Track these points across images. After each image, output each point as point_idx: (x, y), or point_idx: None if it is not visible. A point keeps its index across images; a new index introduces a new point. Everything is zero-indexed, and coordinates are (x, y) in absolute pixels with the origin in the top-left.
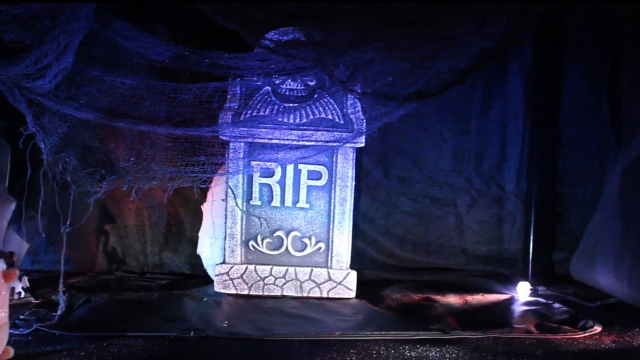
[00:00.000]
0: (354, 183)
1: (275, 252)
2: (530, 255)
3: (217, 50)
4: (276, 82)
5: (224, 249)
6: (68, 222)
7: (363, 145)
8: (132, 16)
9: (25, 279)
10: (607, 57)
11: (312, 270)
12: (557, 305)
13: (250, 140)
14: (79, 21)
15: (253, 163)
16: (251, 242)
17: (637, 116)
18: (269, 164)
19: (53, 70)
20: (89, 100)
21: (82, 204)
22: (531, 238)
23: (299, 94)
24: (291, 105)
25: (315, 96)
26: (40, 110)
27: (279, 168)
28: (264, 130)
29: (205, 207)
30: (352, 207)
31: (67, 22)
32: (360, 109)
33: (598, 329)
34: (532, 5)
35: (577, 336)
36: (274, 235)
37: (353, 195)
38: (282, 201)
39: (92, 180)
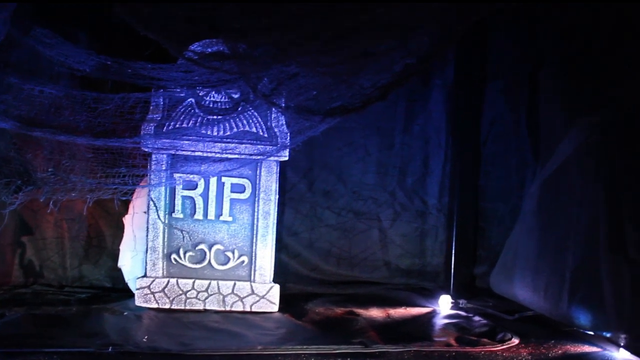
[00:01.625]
0: (277, 196)
1: (198, 266)
2: (452, 269)
3: (140, 61)
4: (200, 94)
5: (146, 262)
6: None
7: (287, 159)
8: (52, 23)
9: None
10: (525, 75)
11: (235, 284)
12: (477, 318)
13: (173, 152)
14: None
15: (176, 175)
16: (173, 256)
17: (553, 133)
18: (192, 176)
19: None
20: (6, 109)
21: None
22: (453, 252)
23: (223, 107)
24: (215, 117)
25: (240, 109)
26: None
27: (202, 180)
28: (187, 142)
29: (127, 220)
30: (275, 221)
31: None
32: (284, 122)
33: (516, 341)
34: (453, 25)
35: (496, 349)
36: (197, 248)
37: (277, 208)
38: (205, 214)
39: (8, 191)
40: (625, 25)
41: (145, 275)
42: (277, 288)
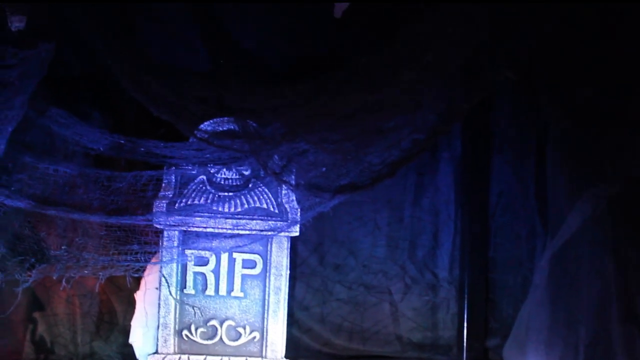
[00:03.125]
0: (288, 272)
1: (210, 342)
2: (465, 342)
3: (153, 140)
4: (211, 171)
5: (157, 339)
6: None
7: (298, 234)
8: (67, 102)
9: None
10: (532, 147)
11: None
12: None
13: (185, 229)
14: (12, 109)
15: (187, 252)
16: (185, 332)
17: (561, 205)
18: (203, 252)
19: None
20: (21, 188)
21: (10, 292)
22: (465, 325)
23: (234, 183)
24: (226, 194)
25: (250, 185)
26: None
27: (214, 256)
28: (198, 219)
29: (139, 296)
30: (286, 296)
31: (0, 109)
32: (294, 198)
33: None
34: (459, 102)
35: None
36: (208, 324)
37: (288, 283)
38: (217, 290)
39: (22, 269)
40: (629, 96)
41: (156, 352)
42: None
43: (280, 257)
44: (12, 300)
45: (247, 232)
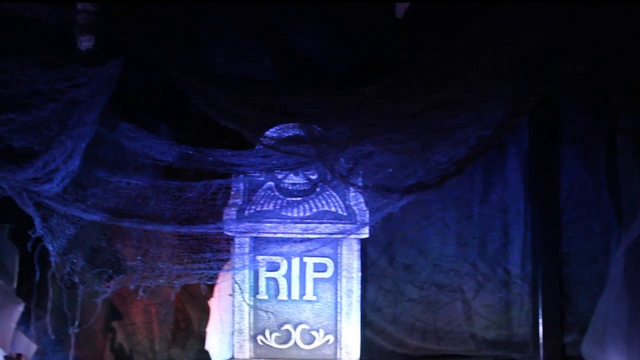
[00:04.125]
0: (359, 273)
1: (284, 346)
2: (541, 339)
3: (220, 149)
4: (279, 177)
5: (233, 344)
6: (77, 323)
7: (367, 236)
8: (135, 116)
9: None
10: (602, 138)
11: None
12: None
13: (255, 235)
14: (85, 126)
15: (259, 258)
16: (259, 337)
17: (635, 196)
18: (274, 257)
19: (60, 174)
20: (96, 202)
21: (90, 303)
22: (540, 321)
23: (302, 188)
24: (294, 199)
25: (318, 189)
26: (48, 212)
27: (285, 261)
28: (268, 224)
29: (213, 303)
30: (359, 298)
31: (74, 127)
32: (362, 200)
33: None
34: (525, 97)
35: None
36: (282, 328)
37: (359, 285)
38: (289, 294)
39: (100, 280)
40: None
41: (232, 358)
42: None
43: (351, 260)
44: (93, 311)
45: (317, 235)
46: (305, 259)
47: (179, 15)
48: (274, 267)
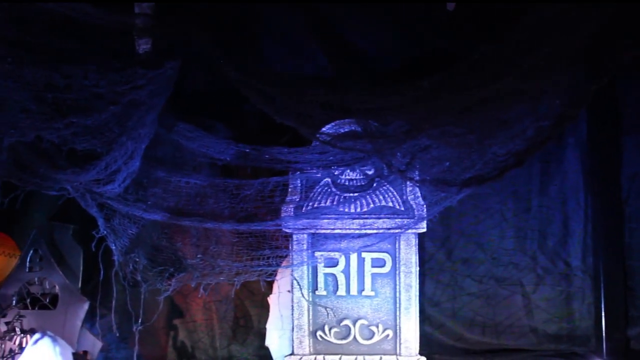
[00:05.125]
0: (418, 268)
1: (344, 342)
2: (604, 332)
3: (277, 146)
4: (335, 173)
5: (292, 340)
6: (140, 320)
7: (425, 230)
8: (192, 117)
9: None
10: None
11: (381, 358)
12: None
13: (313, 232)
14: (145, 127)
15: (317, 254)
16: (319, 332)
17: None
18: (332, 253)
19: (122, 175)
20: (156, 201)
21: (152, 301)
22: (603, 314)
23: (359, 184)
24: (351, 194)
25: (375, 185)
26: (111, 213)
27: (343, 257)
28: (326, 221)
29: (272, 299)
30: (417, 293)
31: (134, 128)
32: (419, 194)
33: None
34: (584, 86)
35: None
36: (341, 324)
37: (418, 280)
38: (348, 290)
39: (162, 279)
40: None
41: (292, 353)
42: None
43: (409, 254)
44: (155, 309)
45: (375, 231)
46: (363, 254)
47: (235, 15)
48: (332, 263)
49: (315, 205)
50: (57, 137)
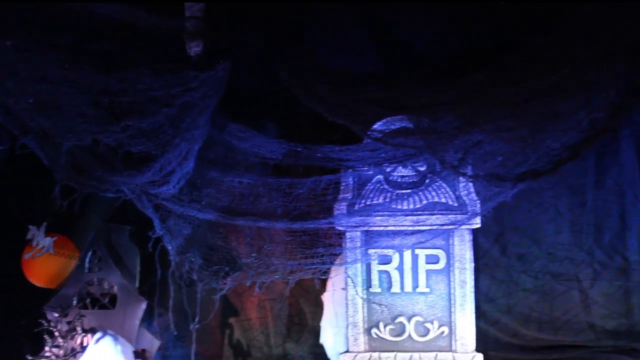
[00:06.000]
0: (472, 264)
1: (398, 339)
2: None
3: (328, 144)
4: (387, 170)
5: (347, 338)
6: (197, 319)
7: (479, 225)
8: (243, 117)
9: None
10: None
11: (436, 355)
12: None
13: (366, 229)
14: (198, 129)
15: (370, 251)
16: (373, 330)
17: None
18: (386, 251)
19: (176, 176)
20: (210, 201)
21: (208, 300)
22: None
23: (411, 180)
24: (404, 191)
25: (427, 181)
26: (166, 214)
27: (397, 254)
28: (378, 218)
29: (326, 297)
30: (472, 289)
31: (188, 130)
32: (473, 190)
33: None
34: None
35: None
36: (396, 321)
37: (473, 276)
38: (402, 287)
39: (217, 278)
40: None
41: (347, 351)
42: (480, 357)
43: (463, 250)
44: (211, 308)
45: (428, 227)
46: (417, 251)
47: (285, 15)
48: (386, 260)
49: (368, 203)
50: (113, 140)
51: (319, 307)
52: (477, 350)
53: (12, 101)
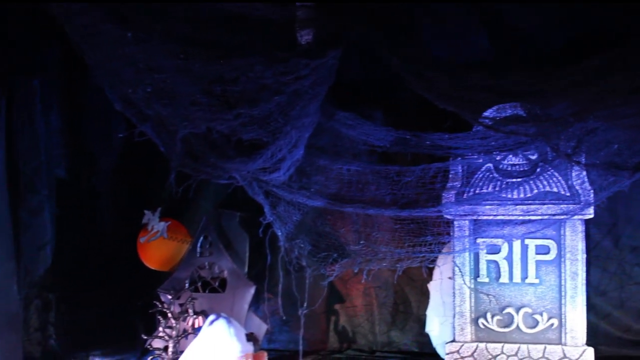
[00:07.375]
0: (584, 256)
1: (506, 330)
2: None
3: (437, 132)
4: (497, 158)
5: (454, 327)
6: (305, 304)
7: (592, 216)
8: (350, 105)
9: None
10: None
11: (545, 348)
12: None
13: (475, 218)
14: (308, 116)
15: (479, 240)
16: (481, 320)
17: None
18: (495, 240)
19: (286, 163)
20: (319, 189)
21: (316, 286)
22: None
23: (521, 169)
24: (514, 180)
25: (538, 170)
26: (276, 200)
27: (506, 244)
28: (488, 207)
29: (433, 286)
30: (584, 281)
31: (298, 118)
32: (586, 179)
33: None
34: None
35: None
36: (504, 312)
37: (584, 268)
38: (511, 277)
39: (326, 264)
40: None
41: (454, 340)
42: (591, 351)
43: (575, 241)
44: (317, 294)
45: (539, 217)
46: (526, 241)
47: (394, 2)
48: (495, 250)
49: (477, 191)
50: (226, 127)
51: (424, 296)
52: (587, 344)
53: (131, 91)
